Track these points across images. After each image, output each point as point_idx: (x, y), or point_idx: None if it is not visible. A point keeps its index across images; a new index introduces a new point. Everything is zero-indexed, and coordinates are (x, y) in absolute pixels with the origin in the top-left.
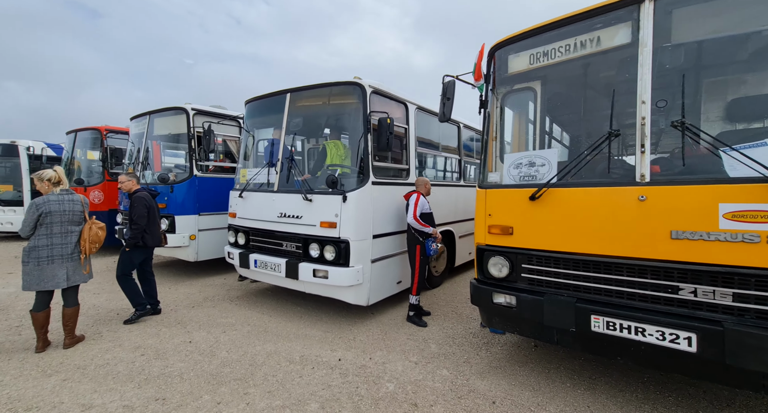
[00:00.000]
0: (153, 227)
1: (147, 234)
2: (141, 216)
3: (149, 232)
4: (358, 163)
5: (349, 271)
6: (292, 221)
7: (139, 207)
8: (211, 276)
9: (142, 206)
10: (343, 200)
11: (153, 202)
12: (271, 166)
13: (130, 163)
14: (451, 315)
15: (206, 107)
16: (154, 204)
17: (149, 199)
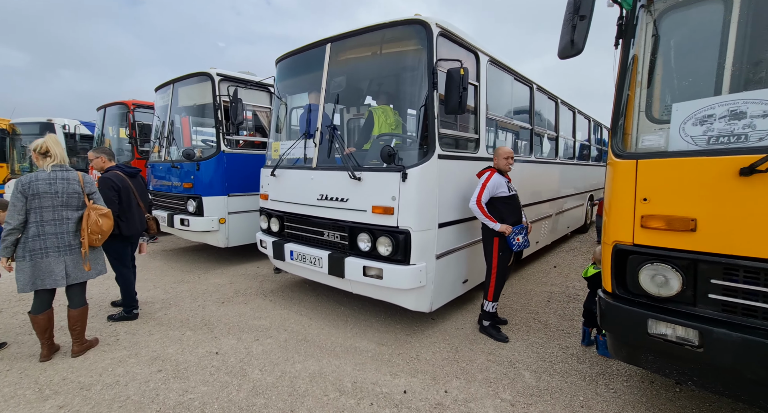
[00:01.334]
0: (129, 213)
1: (122, 222)
2: (109, 201)
3: (124, 219)
4: (419, 131)
5: (409, 270)
6: (336, 205)
7: (104, 189)
8: (244, 264)
9: (107, 188)
10: (402, 179)
11: (126, 182)
12: (308, 137)
13: (156, 139)
14: (534, 324)
15: (233, 73)
16: (129, 184)
17: (120, 179)
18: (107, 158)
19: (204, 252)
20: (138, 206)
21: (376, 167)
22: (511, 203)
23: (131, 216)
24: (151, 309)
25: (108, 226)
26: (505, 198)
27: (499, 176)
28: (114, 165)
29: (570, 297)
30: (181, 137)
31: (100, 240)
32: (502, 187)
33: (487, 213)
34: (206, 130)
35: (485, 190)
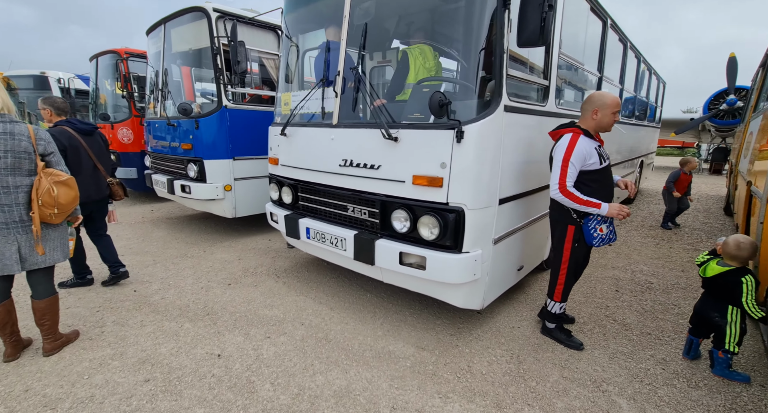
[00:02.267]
0: (78, 177)
1: None
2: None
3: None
4: (478, 72)
5: (461, 261)
6: (364, 173)
7: None
8: (254, 236)
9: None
10: (456, 138)
11: (75, 140)
12: (326, 85)
13: (151, 92)
14: (610, 325)
15: (233, 9)
16: (80, 143)
17: (67, 136)
18: (54, 111)
19: (211, 222)
20: (95, 168)
21: (420, 123)
22: (602, 178)
23: (87, 178)
24: (147, 290)
25: (68, 198)
26: (594, 172)
27: (587, 140)
28: (63, 119)
29: (641, 285)
30: (181, 90)
31: (57, 215)
32: (593, 156)
33: (582, 197)
34: (207, 83)
35: (569, 164)
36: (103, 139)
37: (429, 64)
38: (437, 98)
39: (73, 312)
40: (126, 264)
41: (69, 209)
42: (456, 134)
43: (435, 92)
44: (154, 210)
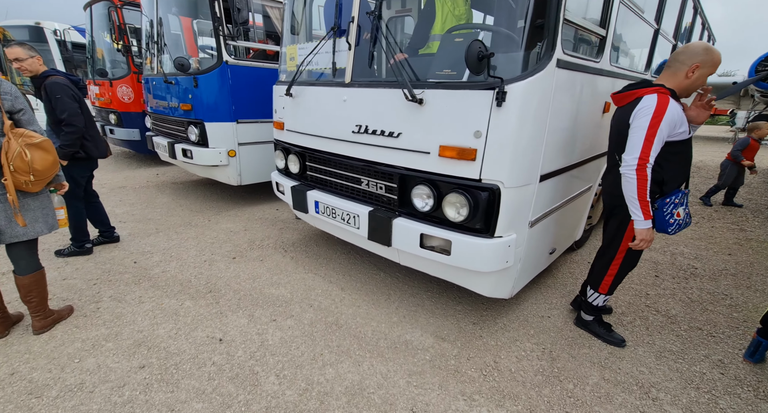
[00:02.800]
0: (93, 131)
1: (88, 141)
2: (74, 112)
3: (90, 138)
4: (526, 16)
5: (493, 246)
6: (381, 141)
7: (64, 98)
8: (261, 205)
9: (67, 96)
10: (496, 101)
11: (80, 93)
12: (337, 35)
13: (146, 46)
14: (652, 316)
15: None
16: (83, 97)
17: (73, 86)
18: (40, 61)
19: (217, 189)
20: (94, 124)
21: (451, 82)
22: (685, 150)
23: (96, 134)
24: (148, 262)
25: (45, 163)
26: (679, 143)
27: (676, 104)
28: (52, 69)
29: (684, 270)
30: (181, 44)
31: (34, 183)
32: (684, 123)
33: (648, 187)
34: (207, 38)
35: (657, 133)
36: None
37: (459, 10)
38: (476, 49)
39: (69, 284)
40: (128, 232)
41: (47, 176)
42: (496, 95)
43: (474, 41)
44: (159, 174)
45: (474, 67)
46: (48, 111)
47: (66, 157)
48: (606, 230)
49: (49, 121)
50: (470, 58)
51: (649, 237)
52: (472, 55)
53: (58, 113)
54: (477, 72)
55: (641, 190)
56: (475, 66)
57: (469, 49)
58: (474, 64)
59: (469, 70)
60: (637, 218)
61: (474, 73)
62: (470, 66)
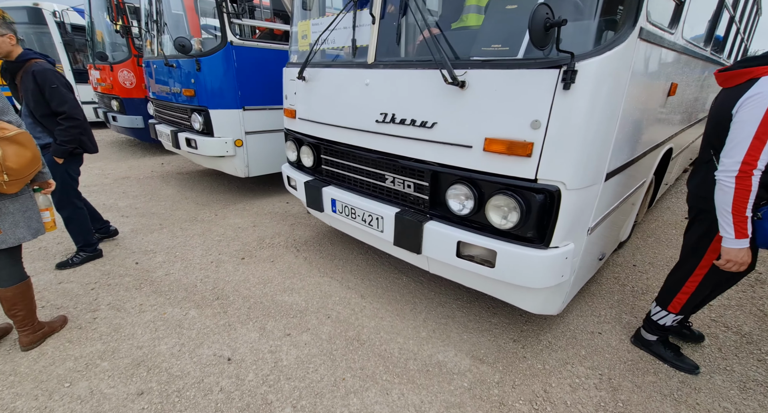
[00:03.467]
0: (87, 123)
1: (84, 135)
2: (75, 104)
3: (86, 133)
4: None
5: (548, 260)
6: (411, 132)
7: (61, 88)
8: (271, 197)
9: (63, 85)
10: (563, 83)
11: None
12: (358, 5)
13: (146, 26)
14: (722, 333)
15: None
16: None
17: (66, 79)
18: (16, 39)
19: (224, 180)
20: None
21: (503, 60)
22: None
23: (89, 126)
24: (150, 263)
25: (22, 160)
26: None
27: None
28: (29, 50)
29: (747, 277)
30: (183, 23)
31: (10, 183)
32: None
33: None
34: (211, 19)
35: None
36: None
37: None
38: (542, 15)
39: (65, 290)
40: (130, 228)
41: (26, 174)
42: (563, 75)
43: (541, 5)
44: (164, 163)
45: (539, 38)
46: (35, 102)
47: (63, 155)
48: (686, 237)
49: (37, 113)
50: (535, 28)
51: (742, 259)
52: (537, 23)
53: (56, 105)
54: (541, 45)
55: (739, 203)
56: (541, 37)
57: (534, 16)
58: (539, 35)
59: (532, 42)
60: (727, 235)
61: (537, 47)
62: (534, 37)
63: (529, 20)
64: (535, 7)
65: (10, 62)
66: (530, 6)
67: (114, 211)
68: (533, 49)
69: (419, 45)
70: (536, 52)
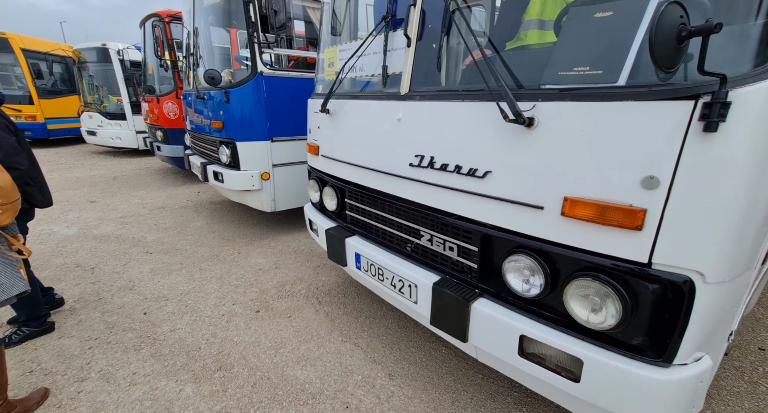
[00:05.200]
0: (36, 171)
1: (30, 186)
2: (13, 150)
3: (34, 182)
4: None
5: (672, 384)
6: (455, 182)
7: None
8: (297, 232)
9: (2, 129)
10: (703, 122)
11: (15, 126)
12: (391, 26)
13: (185, 59)
14: None
15: None
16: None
17: (4, 114)
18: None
19: (254, 211)
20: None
21: (594, 88)
22: None
23: (40, 175)
24: (159, 314)
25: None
26: None
27: None
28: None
29: None
30: (214, 55)
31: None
32: None
33: None
34: (243, 49)
35: None
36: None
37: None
38: (674, 18)
39: (62, 347)
40: (150, 267)
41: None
42: (703, 110)
43: (670, 4)
44: (200, 192)
45: (668, 55)
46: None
47: None
48: None
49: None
50: (662, 38)
51: None
52: (665, 31)
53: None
54: (671, 65)
55: None
56: (671, 54)
57: (660, 21)
58: (669, 49)
59: (655, 61)
60: None
61: (664, 68)
62: (660, 53)
63: (652, 28)
64: (662, 7)
65: None
66: (632, 11)
67: (140, 246)
68: (642, 72)
69: (466, 70)
70: (646, 75)
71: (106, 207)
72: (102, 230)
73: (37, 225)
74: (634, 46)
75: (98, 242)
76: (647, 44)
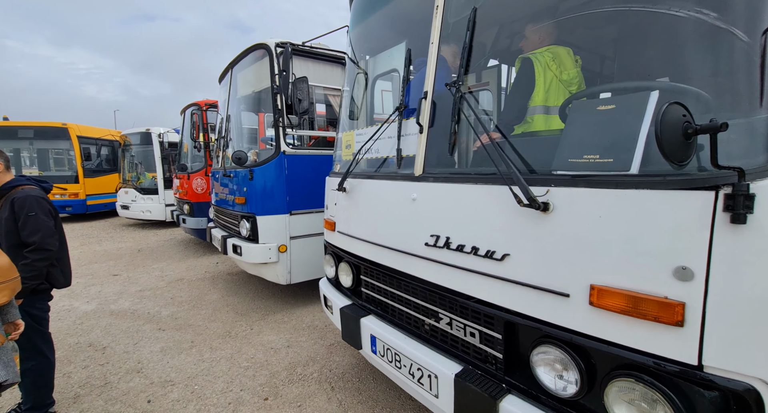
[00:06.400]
0: (63, 252)
1: (54, 267)
2: (49, 232)
3: (59, 264)
4: None
5: None
6: (472, 263)
7: (39, 216)
8: (311, 306)
9: (44, 213)
10: (729, 214)
11: (56, 210)
12: (405, 115)
13: (216, 141)
14: None
15: (299, 43)
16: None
17: (49, 200)
18: (3, 163)
19: (269, 282)
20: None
21: (606, 176)
22: None
23: (66, 256)
24: (163, 402)
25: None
26: None
27: None
28: (21, 177)
29: None
30: (243, 137)
31: None
32: None
33: None
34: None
35: None
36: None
37: (568, 73)
38: (677, 117)
39: None
40: (161, 345)
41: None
42: (726, 201)
43: (671, 104)
44: (218, 263)
45: (676, 151)
46: (6, 231)
47: (23, 293)
48: None
49: (5, 243)
50: (668, 136)
51: None
52: (670, 130)
53: (27, 234)
54: (681, 160)
55: None
56: (679, 149)
57: (663, 120)
58: (677, 145)
59: (666, 157)
60: None
61: (675, 163)
62: (669, 150)
63: (656, 125)
64: (663, 108)
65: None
66: (634, 107)
67: (154, 322)
68: (654, 160)
69: (478, 152)
70: (659, 163)
71: (128, 280)
72: (120, 305)
73: (60, 301)
74: (641, 138)
75: (114, 318)
76: (654, 137)
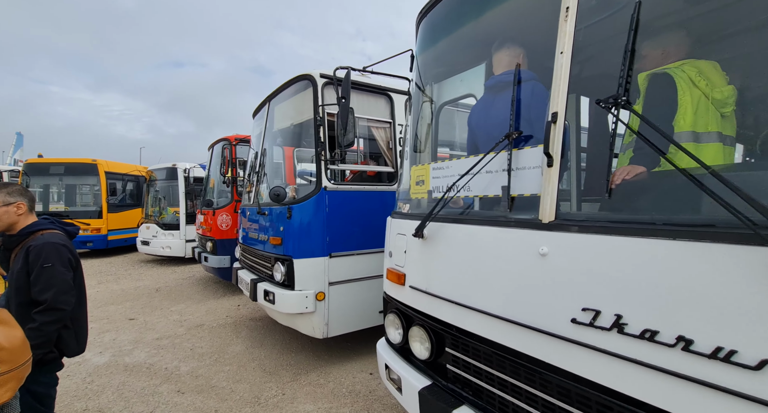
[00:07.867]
0: (80, 311)
1: (68, 330)
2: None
3: (73, 325)
4: None
5: None
6: (676, 364)
7: (57, 267)
8: (352, 361)
9: (62, 264)
10: None
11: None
12: (515, 144)
13: (247, 176)
14: None
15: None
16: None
17: (72, 247)
18: (27, 206)
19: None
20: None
21: None
22: None
23: (83, 315)
24: None
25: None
26: None
27: None
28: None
29: None
30: (280, 173)
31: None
32: None
33: None
34: (307, 164)
35: None
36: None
37: (721, 92)
38: None
39: None
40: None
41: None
42: None
43: None
44: (240, 305)
45: None
46: (17, 286)
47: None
48: None
49: (15, 300)
50: None
51: None
52: None
53: (38, 290)
54: None
55: None
56: None
57: None
58: None
59: None
60: None
61: None
62: None
63: None
64: None
65: (9, 236)
66: None
67: (172, 382)
68: None
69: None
70: None
71: (144, 326)
72: (135, 357)
73: None
74: None
75: (128, 375)
76: None
